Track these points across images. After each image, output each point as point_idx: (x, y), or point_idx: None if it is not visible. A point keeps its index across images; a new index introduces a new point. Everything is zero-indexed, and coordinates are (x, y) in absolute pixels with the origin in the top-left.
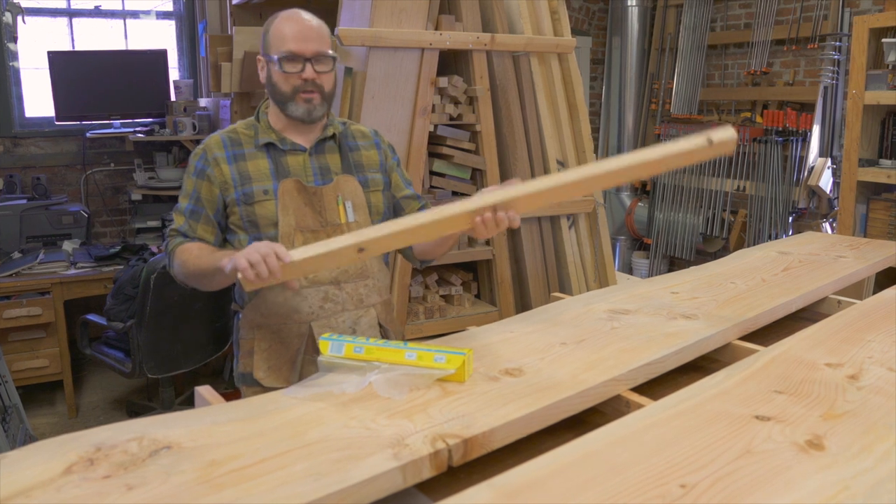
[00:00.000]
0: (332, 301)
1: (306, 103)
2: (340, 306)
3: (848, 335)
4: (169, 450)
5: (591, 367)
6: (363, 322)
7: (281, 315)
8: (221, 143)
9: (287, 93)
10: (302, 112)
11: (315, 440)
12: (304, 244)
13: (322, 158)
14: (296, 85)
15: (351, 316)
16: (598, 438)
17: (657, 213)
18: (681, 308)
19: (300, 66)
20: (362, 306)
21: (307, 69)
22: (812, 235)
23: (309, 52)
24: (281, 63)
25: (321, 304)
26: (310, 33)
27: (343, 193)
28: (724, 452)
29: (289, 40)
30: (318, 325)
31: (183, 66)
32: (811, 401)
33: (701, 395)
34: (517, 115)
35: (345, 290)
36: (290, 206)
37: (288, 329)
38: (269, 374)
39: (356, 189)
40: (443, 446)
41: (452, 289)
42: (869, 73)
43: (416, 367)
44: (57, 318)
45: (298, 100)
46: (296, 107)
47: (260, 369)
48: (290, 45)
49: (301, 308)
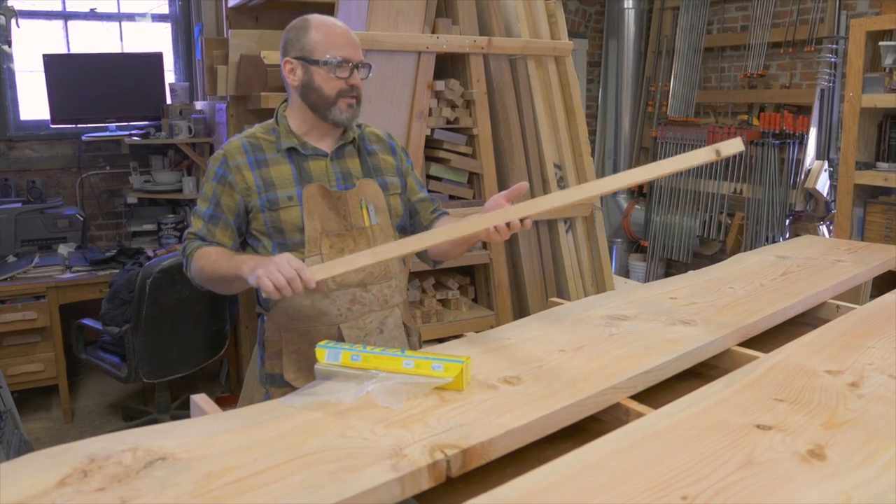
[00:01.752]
0: (360, 303)
1: (350, 108)
2: (367, 308)
3: (848, 341)
4: (164, 461)
5: (589, 375)
6: (389, 322)
7: (310, 318)
8: (242, 148)
9: (332, 97)
10: (346, 117)
11: (312, 451)
12: (331, 248)
13: (343, 163)
14: (342, 89)
15: (378, 316)
16: (598, 449)
17: (654, 216)
18: (679, 314)
19: (348, 71)
20: (387, 307)
21: (354, 75)
22: (810, 239)
23: (357, 58)
24: (335, 68)
25: (349, 307)
26: (355, 41)
27: (366, 197)
28: (726, 463)
29: (341, 46)
30: (347, 327)
31: (179, 69)
32: (812, 409)
33: (701, 404)
34: (514, 118)
35: (371, 292)
36: (315, 211)
37: (317, 331)
38: (299, 375)
39: (377, 192)
40: (441, 457)
41: (450, 293)
42: (866, 76)
43: (414, 376)
44: (52, 322)
45: (342, 104)
46: (339, 112)
47: (290, 370)
48: (343, 50)
49: (329, 311)
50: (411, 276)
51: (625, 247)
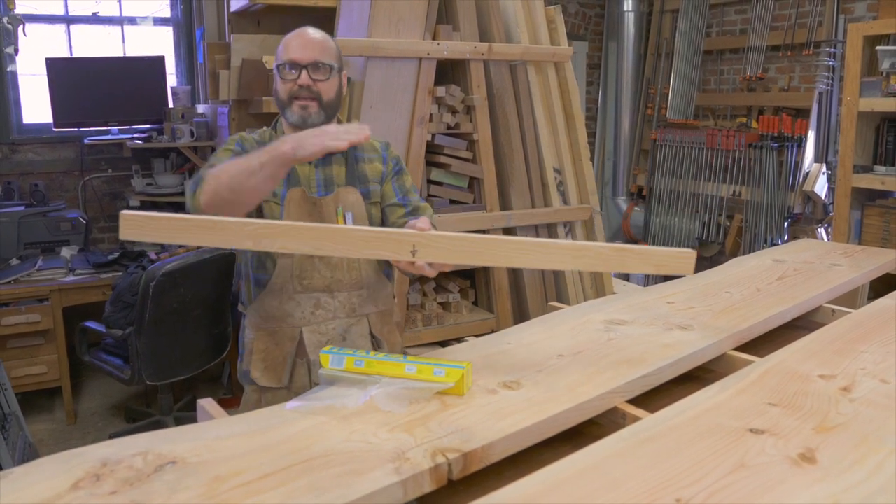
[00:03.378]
0: (324, 308)
1: (302, 110)
2: (332, 314)
3: (841, 346)
4: (174, 465)
5: (588, 380)
6: (354, 331)
7: (276, 319)
8: (253, 140)
9: (284, 99)
10: (297, 118)
11: (317, 455)
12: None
13: (328, 170)
14: (292, 91)
15: (342, 324)
16: (595, 453)
17: (653, 218)
18: (676, 318)
19: (297, 73)
20: (354, 315)
21: (303, 76)
22: (807, 243)
23: (306, 59)
24: (279, 70)
25: (313, 311)
26: (309, 43)
27: (344, 204)
28: (719, 466)
29: (290, 50)
30: (309, 331)
31: (181, 73)
32: (804, 413)
33: (696, 408)
34: (514, 123)
35: (337, 299)
36: (293, 215)
37: (282, 332)
38: (264, 374)
39: (357, 200)
40: (443, 460)
41: (450, 296)
42: (863, 80)
43: (416, 381)
44: (55, 324)
45: (294, 106)
46: (291, 113)
47: (257, 369)
48: (290, 53)
49: (294, 313)
50: (412, 280)
51: None
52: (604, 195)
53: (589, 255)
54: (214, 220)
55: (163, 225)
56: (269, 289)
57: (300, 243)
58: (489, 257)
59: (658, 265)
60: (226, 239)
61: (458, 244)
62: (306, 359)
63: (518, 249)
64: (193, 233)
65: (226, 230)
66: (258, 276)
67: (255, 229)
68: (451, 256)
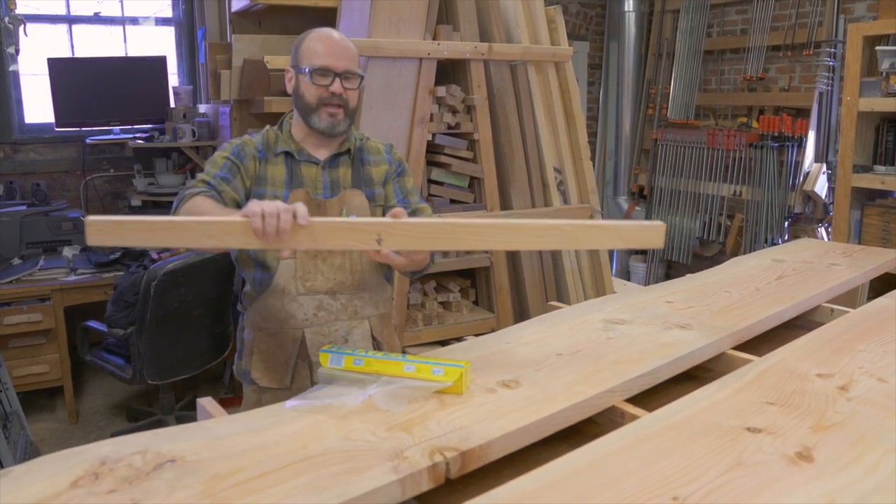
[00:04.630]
0: (326, 310)
1: (330, 117)
2: (334, 316)
3: (839, 345)
4: (173, 463)
5: (586, 379)
6: (356, 333)
7: (278, 319)
8: (255, 143)
9: (312, 104)
10: (325, 125)
11: (316, 453)
12: (306, 253)
13: (335, 172)
14: (322, 97)
15: (344, 326)
16: (593, 451)
17: (654, 218)
18: (675, 318)
19: (329, 79)
20: (356, 318)
21: (336, 83)
22: (807, 242)
23: (340, 67)
24: (312, 75)
25: (315, 313)
26: (342, 51)
27: (349, 207)
28: (716, 464)
29: (322, 55)
30: (311, 332)
31: (182, 73)
32: (802, 412)
33: (694, 407)
34: (515, 123)
35: (339, 301)
36: None
37: (284, 333)
38: (264, 374)
39: (363, 203)
40: (441, 459)
41: (450, 295)
42: (863, 80)
43: (415, 380)
44: (57, 324)
45: (322, 112)
46: (319, 119)
47: (257, 370)
48: (323, 59)
49: (296, 314)
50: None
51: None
52: (605, 195)
53: (553, 234)
54: (178, 220)
55: (128, 228)
56: (272, 289)
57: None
58: (454, 241)
59: (627, 239)
60: (191, 239)
61: (422, 230)
62: (308, 360)
63: (478, 232)
64: (159, 235)
65: (191, 230)
66: (260, 276)
67: (218, 228)
68: (416, 243)
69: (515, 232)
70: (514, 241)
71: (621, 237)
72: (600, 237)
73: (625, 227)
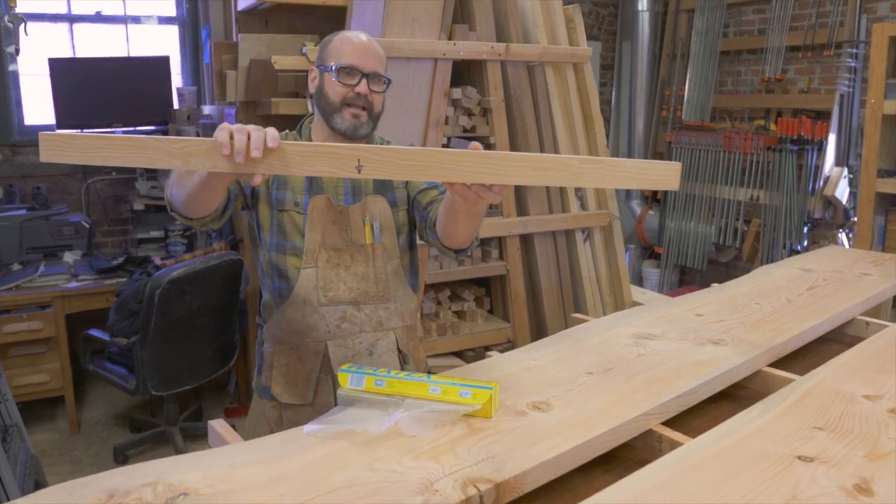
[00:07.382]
0: (350, 322)
1: (354, 118)
2: (358, 327)
3: (882, 363)
4: (186, 497)
5: (621, 401)
6: (381, 345)
7: (299, 332)
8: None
9: (336, 103)
10: (347, 126)
11: (340, 485)
12: (327, 261)
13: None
14: (346, 97)
15: (369, 338)
16: (637, 484)
17: (668, 222)
18: (707, 332)
19: (356, 79)
20: (381, 329)
21: (362, 84)
22: (834, 250)
23: (367, 68)
24: (338, 73)
25: (338, 324)
26: (371, 52)
27: (371, 214)
28: (770, 498)
29: (350, 54)
30: (335, 345)
31: (186, 73)
32: (853, 438)
33: (738, 433)
34: (532, 126)
35: (363, 312)
36: (317, 223)
37: (305, 346)
38: (285, 389)
39: (385, 210)
40: (474, 492)
41: (465, 304)
42: (888, 81)
43: (441, 403)
44: (58, 332)
45: (346, 113)
46: (342, 120)
47: (278, 385)
48: (351, 58)
49: (318, 326)
50: (426, 287)
51: (638, 253)
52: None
53: (557, 168)
54: (140, 138)
55: (84, 144)
56: (292, 300)
57: (230, 164)
58: (440, 171)
59: (639, 178)
60: (153, 158)
61: (405, 156)
62: (331, 375)
63: (469, 161)
64: (117, 152)
65: (152, 149)
66: (279, 287)
67: (182, 147)
68: (397, 170)
69: (514, 164)
70: (512, 173)
71: (632, 176)
72: (609, 175)
73: (637, 164)
